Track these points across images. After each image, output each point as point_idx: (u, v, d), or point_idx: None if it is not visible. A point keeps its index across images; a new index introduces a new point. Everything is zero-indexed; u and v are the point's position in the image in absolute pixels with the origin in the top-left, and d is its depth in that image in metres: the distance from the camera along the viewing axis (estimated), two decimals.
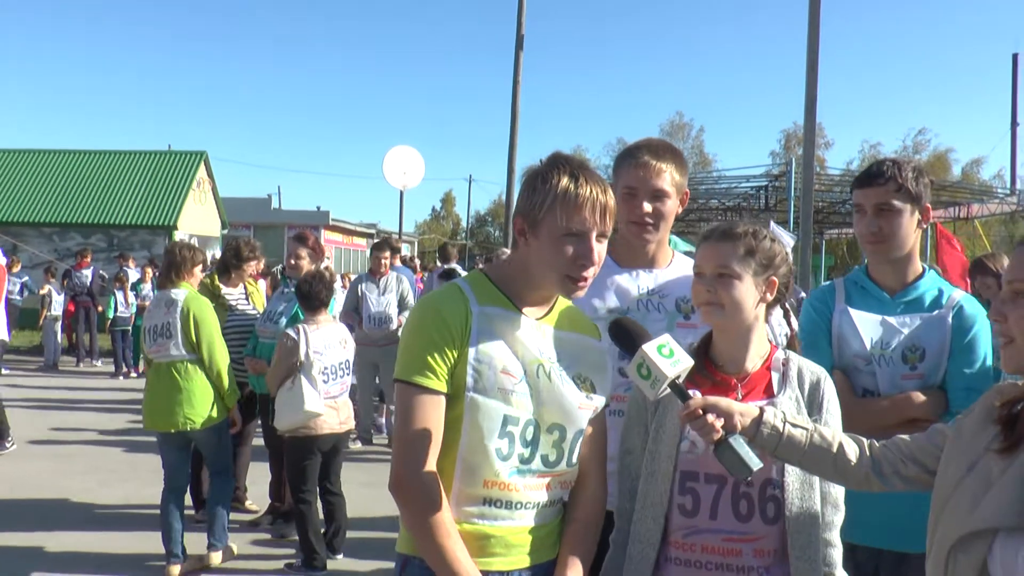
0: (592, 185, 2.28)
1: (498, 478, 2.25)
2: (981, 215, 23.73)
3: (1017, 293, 1.83)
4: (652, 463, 2.44)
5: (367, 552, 6.40)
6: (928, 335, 2.93)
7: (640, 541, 2.43)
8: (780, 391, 2.43)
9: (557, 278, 2.30)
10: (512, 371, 2.26)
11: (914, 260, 3.05)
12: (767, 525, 2.35)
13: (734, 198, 21.32)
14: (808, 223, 12.84)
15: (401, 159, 18.34)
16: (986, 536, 1.85)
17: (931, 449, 2.13)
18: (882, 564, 2.88)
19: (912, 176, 2.96)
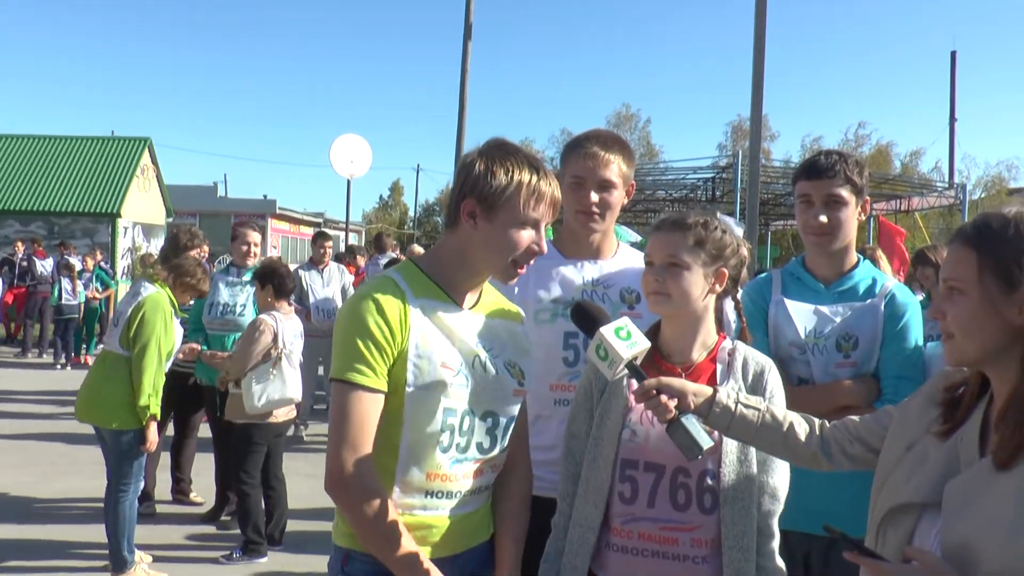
0: (550, 180, 2.35)
1: (439, 470, 2.28)
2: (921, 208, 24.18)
3: (952, 290, 1.89)
4: (595, 449, 2.48)
5: (308, 543, 6.41)
6: (861, 324, 2.98)
7: (581, 525, 2.47)
8: (723, 382, 2.47)
9: (503, 264, 2.34)
10: (450, 364, 2.28)
11: (851, 251, 3.11)
12: (704, 515, 2.39)
13: (681, 189, 21.51)
14: (754, 214, 12.97)
15: (348, 148, 18.18)
16: (913, 511, 1.93)
17: (877, 430, 2.20)
18: (813, 549, 2.93)
19: (856, 169, 3.03)
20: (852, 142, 43.13)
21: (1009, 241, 1.83)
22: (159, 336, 5.62)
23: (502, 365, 2.40)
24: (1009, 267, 1.81)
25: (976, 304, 1.85)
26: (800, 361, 2.98)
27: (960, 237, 1.92)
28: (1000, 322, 1.83)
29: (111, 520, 5.60)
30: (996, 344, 1.85)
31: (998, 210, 1.93)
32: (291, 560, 6.23)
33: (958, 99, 31.44)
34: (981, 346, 1.86)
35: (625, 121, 46.73)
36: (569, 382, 2.91)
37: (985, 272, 1.84)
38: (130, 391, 5.54)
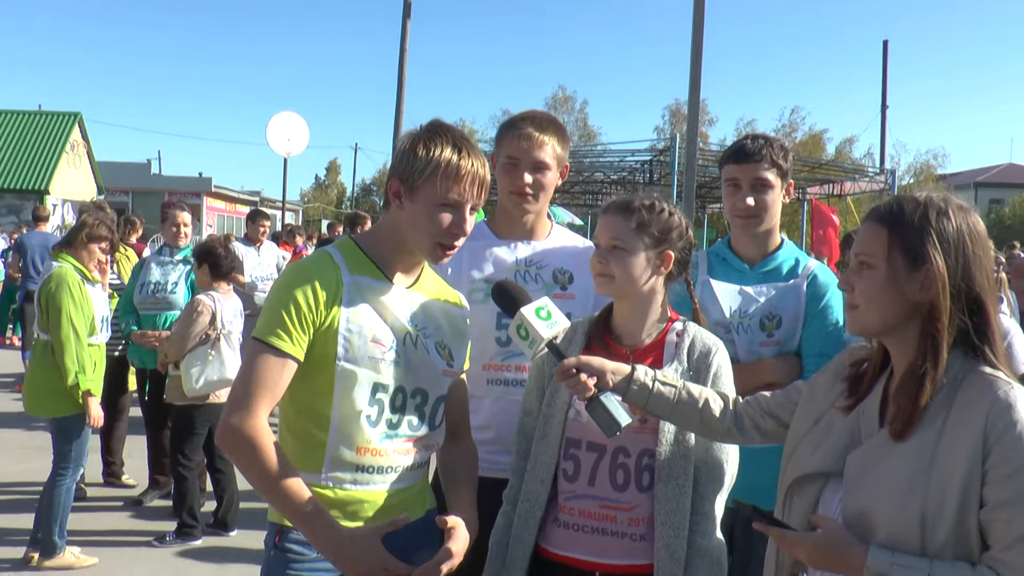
0: (473, 158, 2.35)
1: (369, 444, 2.31)
2: (853, 192, 24.63)
3: (862, 264, 1.99)
4: (544, 426, 2.54)
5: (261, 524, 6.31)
6: (784, 303, 3.05)
7: (528, 500, 2.54)
8: (667, 363, 2.52)
9: (429, 244, 2.36)
10: (382, 340, 2.31)
11: (775, 232, 3.18)
12: (642, 494, 2.46)
13: (619, 171, 21.57)
14: (691, 197, 13.12)
15: (285, 125, 17.96)
16: (817, 480, 2.03)
17: (787, 405, 2.28)
18: (737, 522, 3.01)
19: (781, 153, 3.09)
20: (786, 127, 43.75)
21: (918, 222, 1.92)
22: (69, 311, 5.45)
23: (432, 345, 2.43)
24: (915, 246, 1.91)
25: (883, 278, 1.94)
26: (725, 340, 3.00)
27: (874, 216, 2.01)
28: (902, 297, 1.93)
29: (45, 504, 5.51)
30: (896, 318, 1.95)
31: (911, 194, 2.02)
32: (227, 541, 6.20)
33: (890, 87, 32.06)
34: (882, 318, 1.96)
35: (563, 103, 46.76)
36: (502, 362, 2.94)
37: (894, 249, 1.93)
38: (60, 375, 5.42)
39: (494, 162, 3.02)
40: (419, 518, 2.48)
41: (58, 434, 5.53)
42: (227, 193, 40.95)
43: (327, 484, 2.29)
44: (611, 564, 2.47)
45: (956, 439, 1.84)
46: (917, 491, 1.84)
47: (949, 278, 1.89)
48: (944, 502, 1.81)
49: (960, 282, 1.90)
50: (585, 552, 2.48)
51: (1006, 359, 1.96)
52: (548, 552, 2.53)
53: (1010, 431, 1.79)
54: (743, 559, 3.01)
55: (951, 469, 1.82)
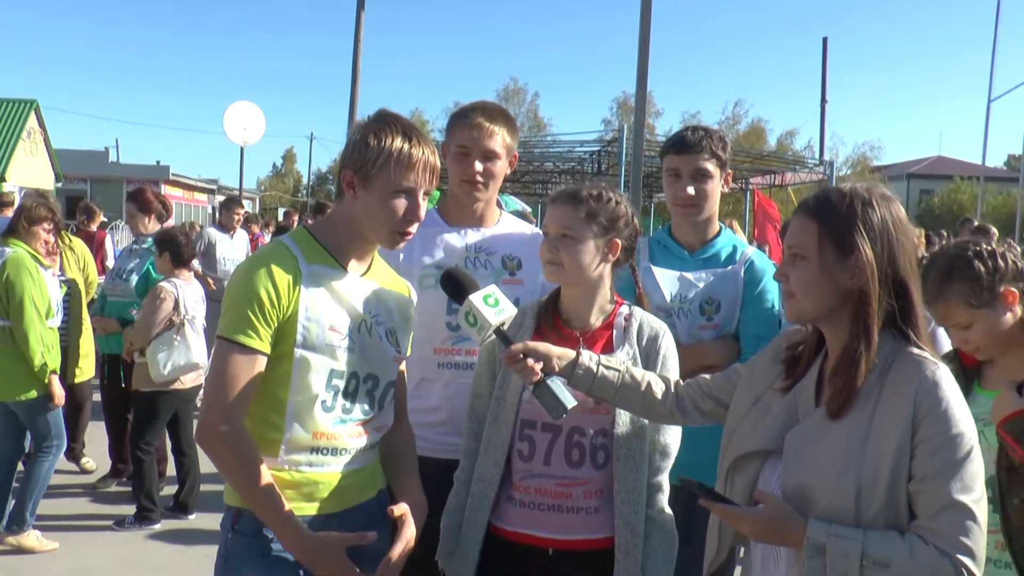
0: (424, 146, 2.35)
1: (324, 429, 2.32)
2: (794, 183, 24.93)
3: (795, 256, 2.03)
4: (497, 409, 2.56)
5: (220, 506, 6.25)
6: (723, 288, 3.10)
7: (481, 481, 2.55)
8: (618, 347, 2.55)
9: (386, 232, 2.36)
10: (339, 327, 2.32)
11: (714, 220, 3.22)
12: (597, 471, 2.50)
13: (568, 161, 21.64)
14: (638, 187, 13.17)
15: (242, 115, 17.70)
16: (757, 458, 2.07)
17: (727, 386, 2.32)
18: (677, 500, 3.06)
19: (720, 144, 3.14)
20: (730, 119, 44.14)
21: (845, 213, 1.97)
22: (31, 293, 5.36)
23: (384, 332, 2.45)
24: (844, 236, 1.95)
25: (815, 268, 1.99)
26: (666, 324, 3.07)
27: (803, 209, 2.05)
28: (834, 285, 1.97)
29: (25, 479, 5.47)
30: (830, 304, 1.99)
31: (838, 186, 2.06)
32: (187, 524, 6.15)
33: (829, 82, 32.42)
34: (817, 305, 2.00)
35: (514, 95, 46.68)
36: (453, 346, 2.95)
37: (824, 240, 1.97)
38: (22, 359, 5.33)
39: (445, 151, 3.02)
40: (371, 498, 2.50)
41: (30, 417, 5.48)
42: (185, 181, 40.37)
43: (284, 467, 2.30)
44: (566, 540, 2.51)
45: (888, 417, 1.89)
46: (852, 466, 1.88)
47: (876, 265, 1.94)
48: (877, 476, 1.86)
49: (887, 268, 1.95)
50: (540, 529, 2.51)
51: (929, 339, 2.01)
52: (502, 531, 2.56)
53: (936, 408, 1.85)
54: (684, 535, 3.05)
55: (884, 445, 1.87)
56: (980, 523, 1.82)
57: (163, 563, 5.48)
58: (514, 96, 46.59)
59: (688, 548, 2.97)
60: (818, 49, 30.99)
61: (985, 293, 2.49)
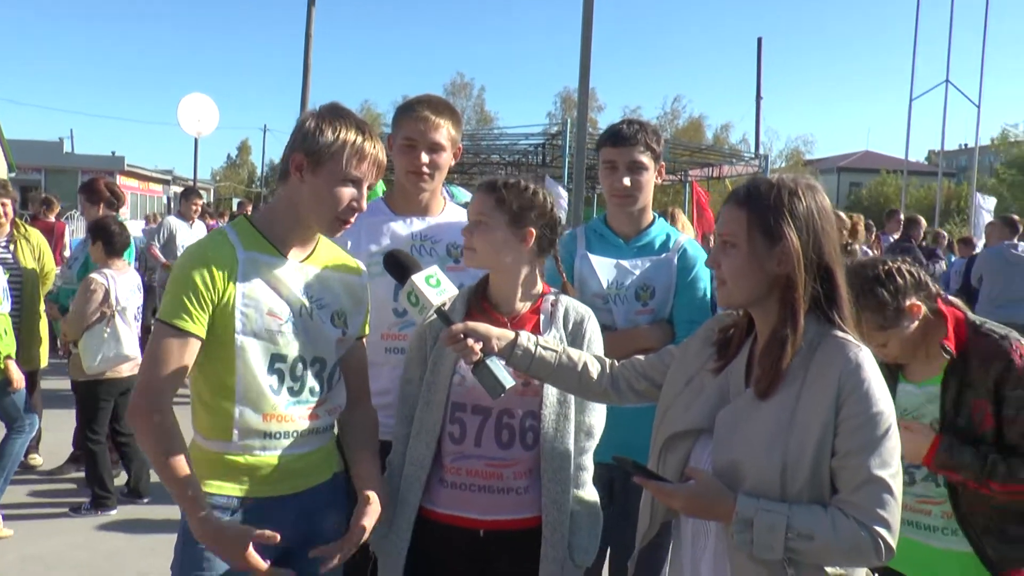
0: (375, 142, 2.39)
1: (275, 411, 2.33)
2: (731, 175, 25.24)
3: (726, 244, 2.06)
4: (428, 393, 2.55)
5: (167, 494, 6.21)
6: (657, 275, 3.14)
7: (414, 464, 2.54)
8: (545, 331, 2.57)
9: (329, 218, 2.37)
10: (278, 312, 2.33)
11: (648, 210, 3.25)
12: (526, 451, 2.52)
13: (514, 154, 21.70)
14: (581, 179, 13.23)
15: (196, 106, 17.39)
16: (689, 437, 2.10)
17: (660, 367, 2.35)
18: (615, 477, 3.09)
19: (655, 137, 3.16)
20: (669, 114, 44.53)
21: (773, 203, 2.00)
22: None
23: (328, 316, 2.45)
24: (771, 225, 1.99)
25: (745, 256, 2.02)
26: (603, 310, 3.10)
27: (733, 198, 2.08)
28: (763, 272, 2.01)
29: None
30: (760, 290, 2.03)
31: (766, 177, 2.09)
32: (143, 510, 6.05)
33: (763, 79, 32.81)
34: (748, 291, 2.04)
35: (461, 89, 46.66)
36: (399, 331, 2.95)
37: (753, 229, 2.01)
38: None
39: (391, 143, 3.02)
40: (325, 481, 2.49)
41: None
42: (140, 172, 39.62)
43: (238, 451, 2.31)
44: (497, 520, 2.52)
45: (814, 396, 1.93)
46: (779, 444, 1.92)
47: (802, 251, 1.97)
48: (802, 453, 1.90)
49: (812, 254, 1.99)
50: (471, 511, 2.52)
51: (853, 323, 2.06)
52: (434, 513, 2.56)
53: (858, 388, 1.90)
54: (622, 510, 3.09)
55: (809, 423, 1.91)
56: (896, 496, 1.87)
57: (118, 549, 5.38)
58: (461, 90, 46.56)
59: (626, 523, 3.02)
60: (753, 48, 31.24)
61: (892, 314, 2.56)
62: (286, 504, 2.36)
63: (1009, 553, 2.51)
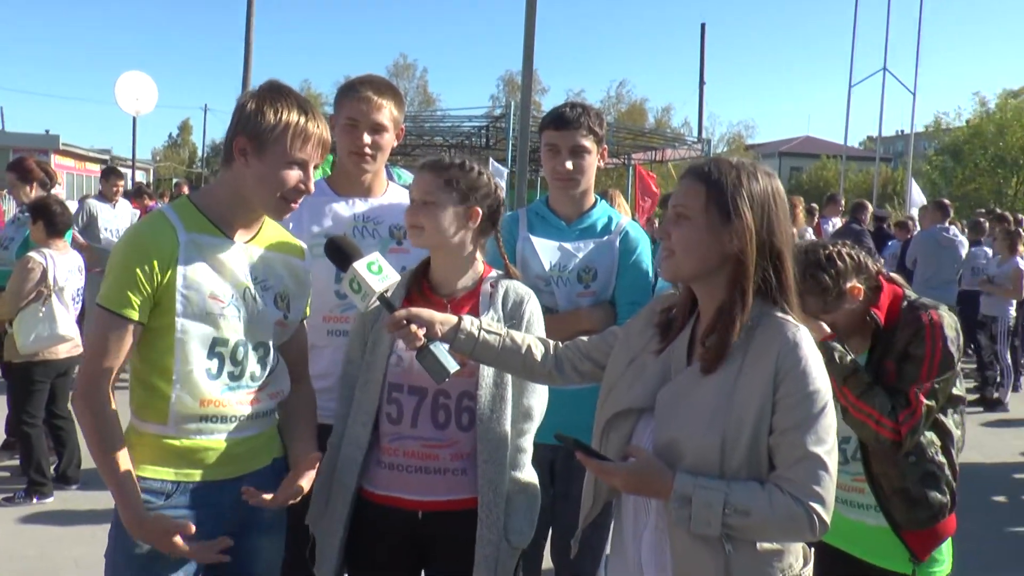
0: (319, 121, 2.36)
1: (211, 396, 2.30)
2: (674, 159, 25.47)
3: (679, 216, 2.08)
4: (367, 373, 2.55)
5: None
6: (599, 257, 3.16)
7: (351, 444, 2.54)
8: (484, 312, 2.58)
9: (274, 200, 2.35)
10: (220, 296, 2.29)
11: (590, 192, 3.27)
12: (462, 432, 2.53)
13: (457, 136, 21.64)
14: (524, 161, 13.25)
15: (133, 84, 17.03)
16: (631, 416, 2.13)
17: (604, 347, 2.37)
18: (557, 458, 3.13)
19: (597, 121, 3.17)
20: (613, 98, 44.75)
21: (733, 181, 2.03)
22: None
23: (271, 298, 2.43)
24: (729, 202, 2.01)
25: (699, 229, 2.04)
26: (546, 292, 3.11)
27: (693, 173, 2.10)
28: (715, 247, 2.03)
29: None
30: (709, 265, 2.05)
31: (728, 157, 2.14)
32: (78, 497, 5.94)
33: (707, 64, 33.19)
34: (697, 265, 2.06)
35: (404, 70, 46.36)
36: (341, 313, 2.94)
37: (711, 204, 2.03)
38: None
39: (333, 124, 3.00)
40: (265, 466, 2.47)
41: None
42: (76, 151, 38.54)
43: (173, 435, 2.28)
44: (434, 501, 2.53)
45: (753, 375, 1.96)
46: (718, 421, 1.95)
47: (756, 231, 2.01)
48: (740, 430, 1.94)
49: (764, 236, 2.03)
50: (408, 492, 2.53)
51: (798, 305, 2.10)
52: (371, 494, 2.56)
53: (796, 367, 1.93)
54: (563, 491, 3.13)
55: (748, 401, 1.95)
56: (831, 472, 1.92)
57: (52, 537, 5.28)
58: (404, 72, 46.24)
59: (567, 505, 3.06)
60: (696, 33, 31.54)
61: (834, 298, 2.67)
62: (224, 489, 2.34)
63: (911, 513, 2.62)
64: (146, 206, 12.72)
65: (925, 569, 2.66)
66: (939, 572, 2.69)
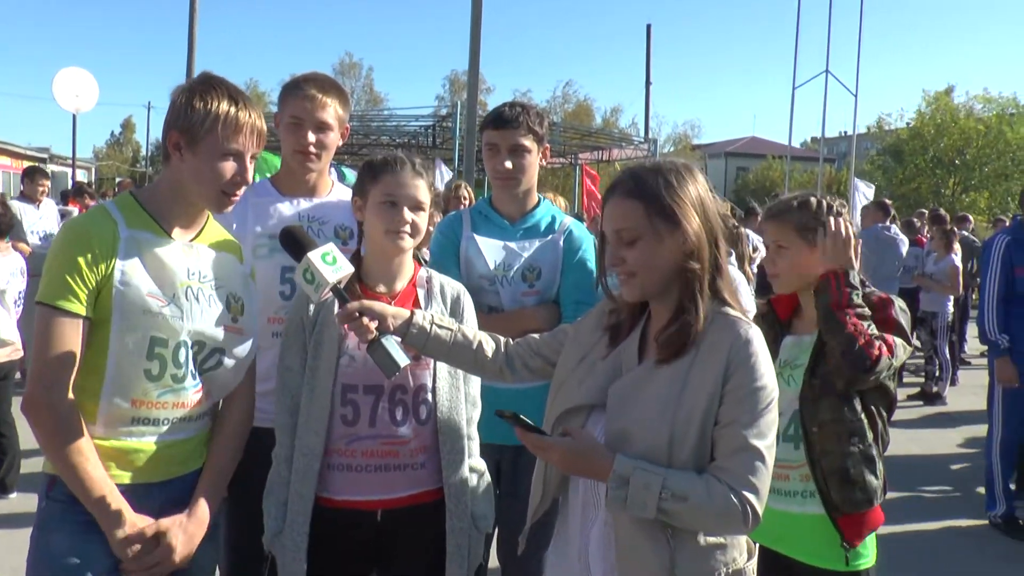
0: (250, 109, 2.33)
1: (147, 397, 2.25)
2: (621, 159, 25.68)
3: (628, 239, 2.08)
4: (313, 380, 2.51)
5: None
6: (543, 256, 3.18)
7: (305, 454, 2.49)
8: (427, 305, 2.60)
9: (214, 194, 2.32)
10: (159, 294, 2.25)
11: (533, 192, 3.28)
12: (420, 426, 2.54)
13: (404, 135, 21.60)
14: (471, 160, 13.33)
15: (73, 81, 16.64)
16: (582, 411, 2.16)
17: (554, 345, 2.40)
18: (503, 457, 3.16)
19: (537, 120, 3.18)
20: (559, 98, 44.95)
21: (665, 189, 2.05)
22: None
23: (221, 298, 2.39)
24: (670, 209, 2.04)
25: (652, 246, 2.06)
26: (490, 292, 3.14)
27: (621, 191, 2.10)
28: (671, 256, 2.06)
29: None
30: (669, 275, 2.08)
31: (640, 165, 2.14)
32: (15, 504, 5.82)
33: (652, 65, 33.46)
34: (660, 278, 2.08)
35: (349, 69, 46.12)
36: (286, 315, 2.93)
37: (653, 217, 2.05)
38: None
39: (278, 122, 2.99)
40: (196, 470, 2.43)
41: None
42: (13, 149, 37.58)
43: (101, 435, 2.22)
44: (394, 499, 2.52)
45: (703, 369, 2.00)
46: (668, 414, 1.99)
47: (703, 230, 2.05)
48: (689, 423, 1.97)
49: (708, 231, 2.07)
50: (367, 493, 2.51)
51: (736, 298, 2.14)
52: (329, 501, 2.52)
53: (746, 363, 1.98)
54: (510, 490, 3.15)
55: (697, 395, 1.98)
56: (767, 466, 1.96)
57: None
58: (350, 71, 45.99)
59: (514, 503, 3.09)
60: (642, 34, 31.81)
61: (812, 220, 2.77)
62: (153, 492, 2.29)
63: (848, 494, 2.69)
64: (87, 205, 12.45)
65: (853, 562, 2.72)
66: (864, 564, 2.75)
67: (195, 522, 2.34)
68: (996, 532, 5.87)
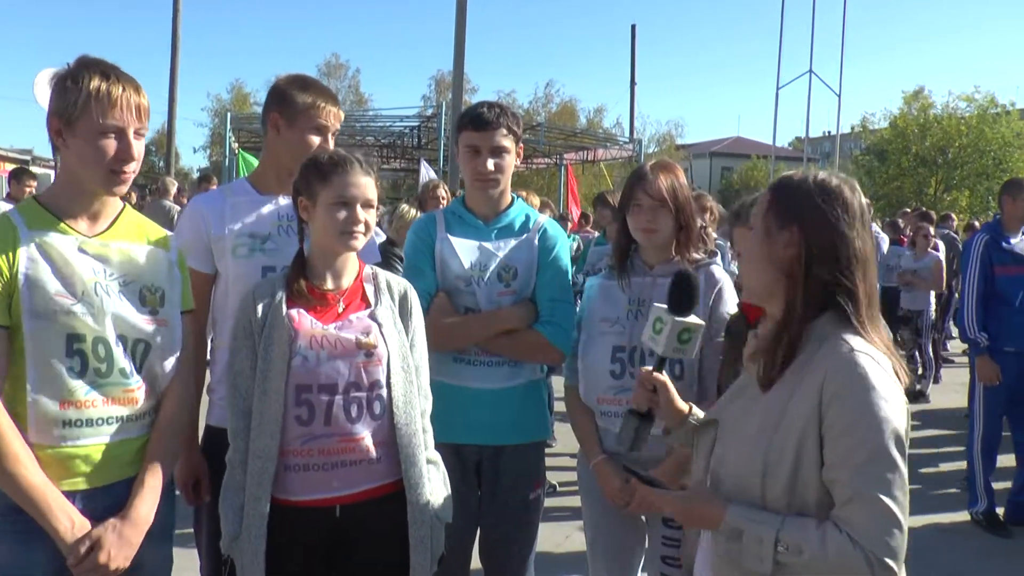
0: (124, 83, 2.27)
1: (73, 396, 2.20)
2: (605, 159, 25.72)
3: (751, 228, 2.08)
4: (264, 382, 2.46)
5: None
6: (519, 256, 3.15)
7: (260, 457, 2.44)
8: (377, 302, 2.59)
9: (101, 175, 2.26)
10: (68, 292, 2.20)
11: (507, 191, 3.25)
12: (375, 421, 2.52)
13: (389, 136, 21.58)
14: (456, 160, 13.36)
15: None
16: (711, 426, 2.15)
17: None
18: (484, 457, 3.14)
19: (515, 121, 3.16)
20: (542, 98, 45.05)
21: (797, 188, 1.99)
22: None
23: (133, 291, 2.33)
24: (787, 209, 1.98)
25: (756, 237, 2.02)
26: (466, 292, 3.11)
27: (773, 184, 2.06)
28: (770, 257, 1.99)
29: None
30: (766, 277, 2.01)
31: (794, 177, 2.03)
32: None
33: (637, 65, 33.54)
34: (756, 277, 2.04)
35: (336, 70, 46.12)
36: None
37: (770, 210, 2.00)
38: None
39: (277, 122, 2.98)
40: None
41: None
42: None
43: (35, 442, 2.16)
44: (351, 495, 2.51)
45: (801, 399, 1.87)
46: (761, 444, 1.89)
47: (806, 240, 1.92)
48: (782, 456, 1.86)
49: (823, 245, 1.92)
50: (324, 491, 2.49)
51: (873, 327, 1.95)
52: (285, 502, 2.49)
53: (839, 394, 1.82)
54: (490, 491, 3.14)
55: (792, 427, 1.86)
56: (897, 518, 1.78)
57: None
58: (336, 71, 46.02)
59: (494, 504, 3.12)
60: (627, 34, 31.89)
61: None
62: (95, 497, 2.24)
63: None
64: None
65: None
66: None
67: (129, 524, 2.25)
68: (978, 528, 5.91)
